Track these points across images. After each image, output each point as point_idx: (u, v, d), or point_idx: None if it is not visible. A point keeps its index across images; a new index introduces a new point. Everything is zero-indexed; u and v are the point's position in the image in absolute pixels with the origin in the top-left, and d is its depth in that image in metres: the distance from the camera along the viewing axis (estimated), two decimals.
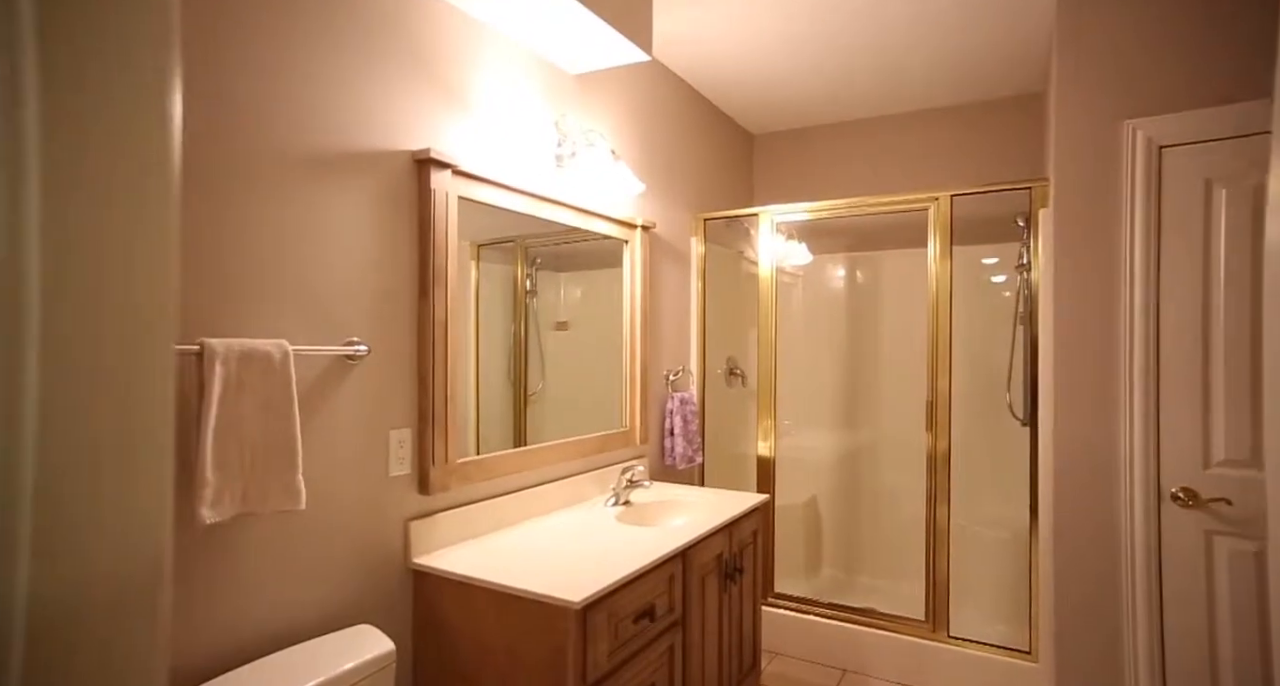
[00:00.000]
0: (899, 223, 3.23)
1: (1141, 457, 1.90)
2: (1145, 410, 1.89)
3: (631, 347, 2.44)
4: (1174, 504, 1.88)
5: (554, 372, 2.12)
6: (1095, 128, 1.96)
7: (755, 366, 2.80)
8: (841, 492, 3.40)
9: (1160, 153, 1.88)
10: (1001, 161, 2.91)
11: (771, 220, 2.74)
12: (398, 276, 1.54)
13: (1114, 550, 1.96)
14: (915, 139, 3.12)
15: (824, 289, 3.50)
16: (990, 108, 2.95)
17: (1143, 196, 1.89)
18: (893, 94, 2.95)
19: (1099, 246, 1.97)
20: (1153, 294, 1.89)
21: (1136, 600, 1.91)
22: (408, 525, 1.55)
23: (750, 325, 3.30)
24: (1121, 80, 1.92)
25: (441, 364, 1.62)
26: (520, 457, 1.92)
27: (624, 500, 2.16)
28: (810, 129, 3.39)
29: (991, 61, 2.59)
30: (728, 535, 2.00)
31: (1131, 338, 1.91)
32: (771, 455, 2.75)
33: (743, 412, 3.36)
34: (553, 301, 2.14)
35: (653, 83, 2.60)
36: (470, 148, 1.74)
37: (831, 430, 3.45)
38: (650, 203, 2.59)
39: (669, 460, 2.64)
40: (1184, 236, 1.86)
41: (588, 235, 2.23)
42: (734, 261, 3.31)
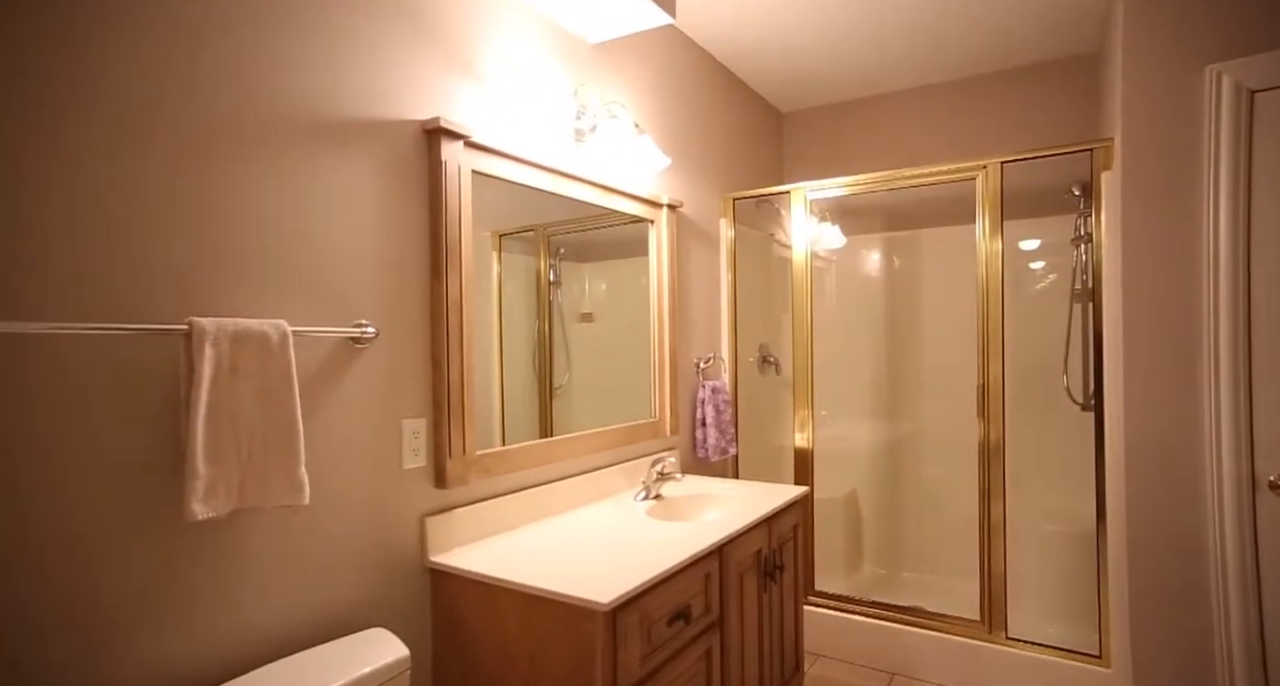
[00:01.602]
0: (939, 198, 3.05)
1: (1231, 442, 1.71)
2: (1234, 390, 1.71)
3: (660, 333, 2.31)
4: (1272, 493, 1.69)
5: (580, 366, 2.02)
6: (1171, 76, 1.77)
7: (789, 354, 2.65)
8: (883, 485, 3.23)
9: (1252, 99, 1.68)
10: (1051, 129, 2.71)
11: (805, 198, 2.59)
12: (408, 254, 1.43)
13: (1199, 545, 1.78)
14: (956, 110, 2.93)
15: (859, 273, 3.33)
16: (1037, 72, 2.75)
17: (1229, 151, 1.70)
18: (930, 62, 2.77)
19: (1175, 211, 1.78)
20: (1243, 261, 1.70)
21: (1229, 597, 1.73)
22: (424, 521, 1.45)
23: (783, 311, 3.15)
24: (1201, 19, 1.73)
25: (457, 348, 1.51)
26: (544, 449, 1.81)
27: (654, 494, 2.03)
28: (842, 105, 3.22)
29: (1039, 20, 2.40)
30: (767, 530, 1.87)
31: (1217, 310, 1.72)
32: (809, 446, 2.60)
33: (777, 402, 3.22)
34: (577, 293, 2.04)
35: (675, 55, 2.46)
36: (484, 119, 1.63)
37: (871, 420, 3.28)
38: (676, 182, 2.46)
39: (701, 452, 2.51)
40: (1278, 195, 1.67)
41: (612, 220, 2.12)
42: (764, 244, 3.16)
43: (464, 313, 1.53)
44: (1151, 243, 1.81)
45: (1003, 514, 2.22)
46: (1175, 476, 1.80)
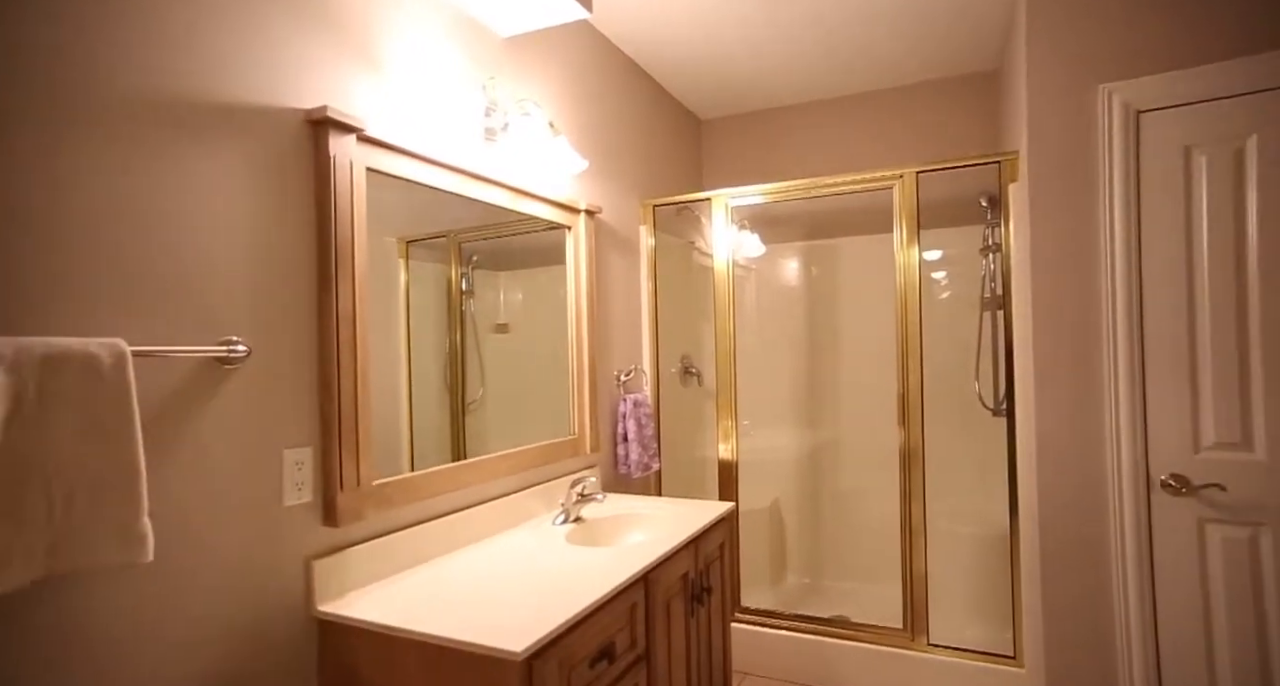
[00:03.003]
0: (857, 207, 3.10)
1: (1129, 444, 1.78)
2: (1131, 394, 1.78)
3: (578, 346, 2.20)
4: (1164, 492, 1.76)
5: (495, 379, 1.88)
6: (1069, 94, 1.84)
7: (712, 364, 2.60)
8: (805, 494, 3.24)
9: (1138, 118, 1.77)
10: (960, 142, 2.81)
11: (726, 205, 2.55)
12: (290, 261, 1.26)
13: (1103, 543, 1.84)
14: (872, 122, 2.99)
15: (779, 281, 3.34)
16: (946, 86, 2.85)
17: (1121, 166, 1.78)
18: (847, 74, 2.81)
19: (1076, 222, 1.85)
20: (1135, 271, 1.78)
21: (1129, 596, 1.79)
22: (310, 565, 1.27)
23: (704, 320, 3.11)
24: (1095, 41, 1.81)
25: (350, 366, 1.34)
26: (453, 475, 1.65)
27: (575, 517, 1.91)
28: (761, 113, 3.22)
29: (945, 38, 2.48)
30: (693, 551, 1.78)
31: (1114, 317, 1.79)
32: (733, 458, 2.56)
33: (700, 414, 3.17)
34: (492, 303, 1.90)
35: (593, 55, 2.37)
36: (381, 112, 1.47)
37: (793, 429, 3.29)
38: (594, 187, 2.36)
39: (623, 468, 2.41)
40: (1165, 208, 1.76)
41: (528, 226, 2.00)
42: (685, 253, 3.11)
43: (359, 326, 1.36)
44: (1056, 252, 1.87)
45: (923, 518, 2.24)
46: (1082, 478, 1.85)
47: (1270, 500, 1.67)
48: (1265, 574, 1.69)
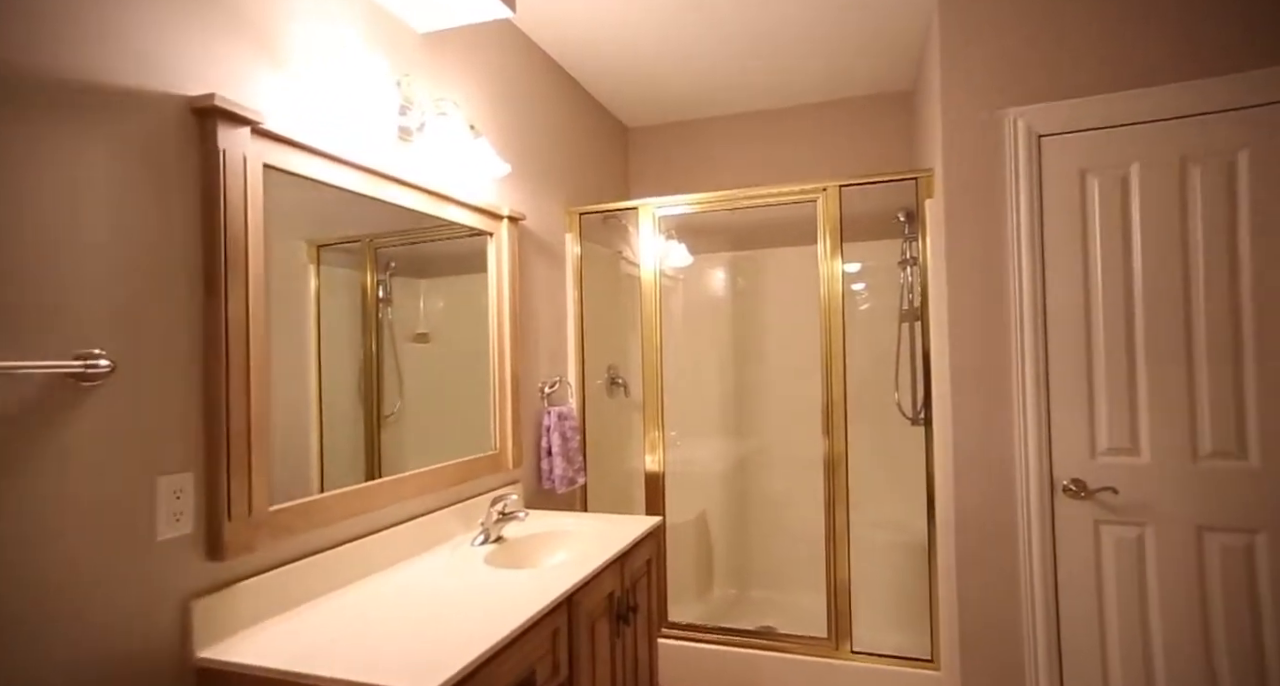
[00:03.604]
0: (782, 219, 3.15)
1: (1036, 451, 1.86)
2: (1037, 403, 1.86)
3: (500, 357, 2.11)
4: (1066, 496, 1.85)
5: (415, 391, 1.78)
6: (978, 116, 1.92)
7: (639, 375, 2.56)
8: (731, 504, 3.25)
9: (1039, 142, 1.86)
10: (879, 158, 2.90)
11: (653, 214, 2.53)
12: (169, 265, 1.12)
13: (1012, 546, 1.91)
14: (796, 135, 3.05)
15: (706, 291, 3.36)
16: (868, 103, 2.94)
17: (1026, 186, 1.87)
18: (772, 87, 2.86)
19: (988, 238, 1.93)
20: (1039, 285, 1.87)
21: (1035, 595, 1.86)
22: (189, 606, 1.13)
23: (631, 331, 3.07)
24: (1002, 67, 1.90)
25: (242, 380, 1.21)
26: (363, 496, 1.53)
27: (495, 537, 1.82)
28: (689, 123, 3.23)
29: (869, 55, 2.56)
30: (619, 569, 1.73)
31: (1022, 329, 1.88)
32: (660, 470, 2.52)
33: (627, 426, 3.12)
34: (412, 311, 1.81)
35: (518, 57, 2.30)
36: (282, 105, 1.35)
37: (720, 439, 3.30)
38: (518, 193, 2.28)
39: (547, 483, 2.33)
40: (1064, 227, 1.86)
41: (449, 232, 1.91)
42: (612, 262, 3.07)
43: (253, 336, 1.24)
44: (969, 267, 1.94)
45: (846, 526, 2.28)
46: (995, 484, 1.92)
47: (1153, 500, 1.79)
48: (1148, 568, 1.80)
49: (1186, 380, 1.76)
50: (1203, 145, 1.75)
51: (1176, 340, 1.77)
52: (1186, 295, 1.76)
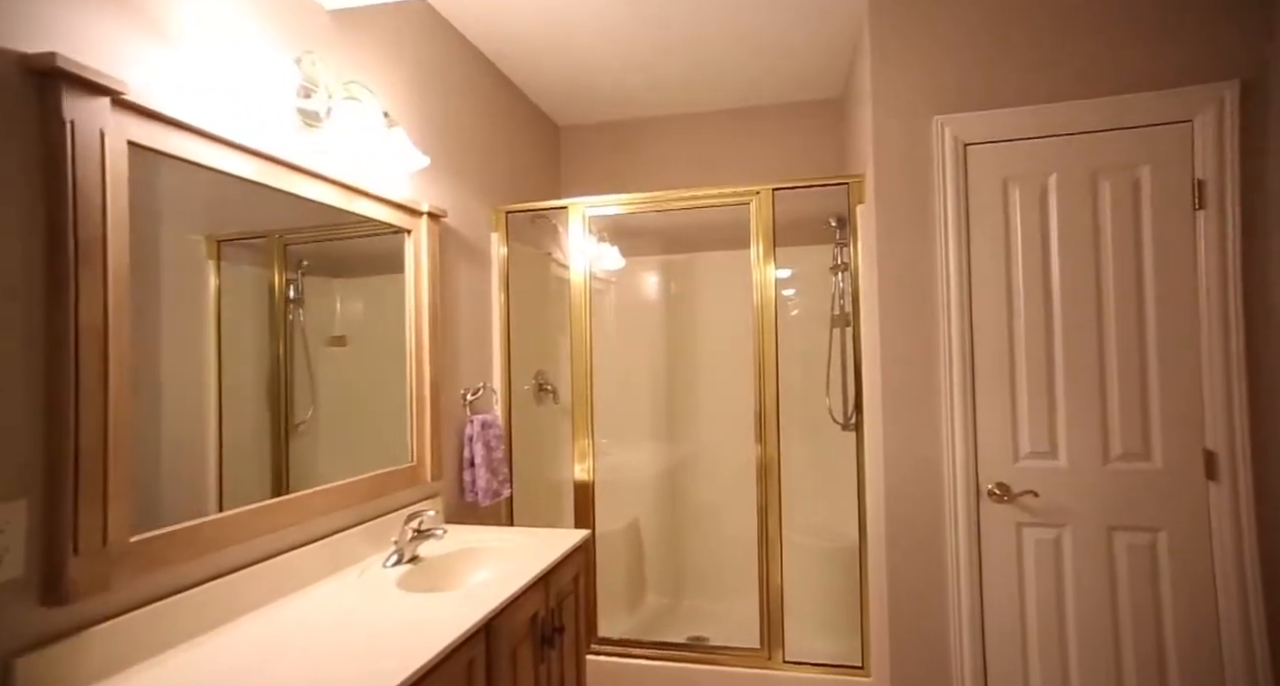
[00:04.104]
0: (715, 223, 3.13)
1: (963, 455, 1.88)
2: (965, 408, 1.88)
3: (418, 362, 1.97)
4: (990, 499, 1.88)
5: (329, 398, 1.65)
6: (908, 123, 1.93)
7: (568, 380, 2.46)
8: (663, 512, 3.19)
9: (966, 150, 1.89)
10: (812, 163, 2.91)
11: (583, 215, 2.44)
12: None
13: (940, 551, 1.92)
14: (731, 138, 3.03)
15: (638, 295, 3.29)
16: (801, 109, 2.95)
17: (953, 194, 1.88)
18: (706, 90, 2.82)
19: (917, 244, 1.94)
20: (966, 293, 1.89)
21: (962, 598, 1.88)
22: (12, 666, 0.95)
23: (561, 335, 2.97)
24: (933, 77, 1.92)
25: (97, 391, 1.04)
26: (264, 515, 1.38)
27: (410, 556, 1.68)
28: (622, 123, 3.16)
29: (801, 61, 2.55)
30: (544, 589, 1.63)
31: (950, 336, 1.89)
32: (590, 478, 2.43)
33: (556, 433, 3.01)
34: (327, 313, 1.68)
35: (441, 46, 2.17)
36: (157, 76, 1.19)
37: (652, 445, 3.23)
38: (440, 188, 2.15)
39: (470, 496, 2.19)
40: (989, 236, 1.89)
41: (367, 229, 1.79)
42: (541, 263, 2.96)
43: (113, 341, 1.07)
44: (900, 273, 1.94)
45: (779, 532, 2.25)
46: (924, 489, 1.93)
47: (1070, 502, 1.83)
48: (1065, 568, 1.84)
49: (1099, 385, 1.81)
50: (1111, 160, 1.81)
51: (1090, 347, 1.82)
52: (1099, 304, 1.82)
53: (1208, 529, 1.76)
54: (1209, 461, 1.76)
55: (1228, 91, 1.74)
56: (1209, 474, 1.76)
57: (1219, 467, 1.74)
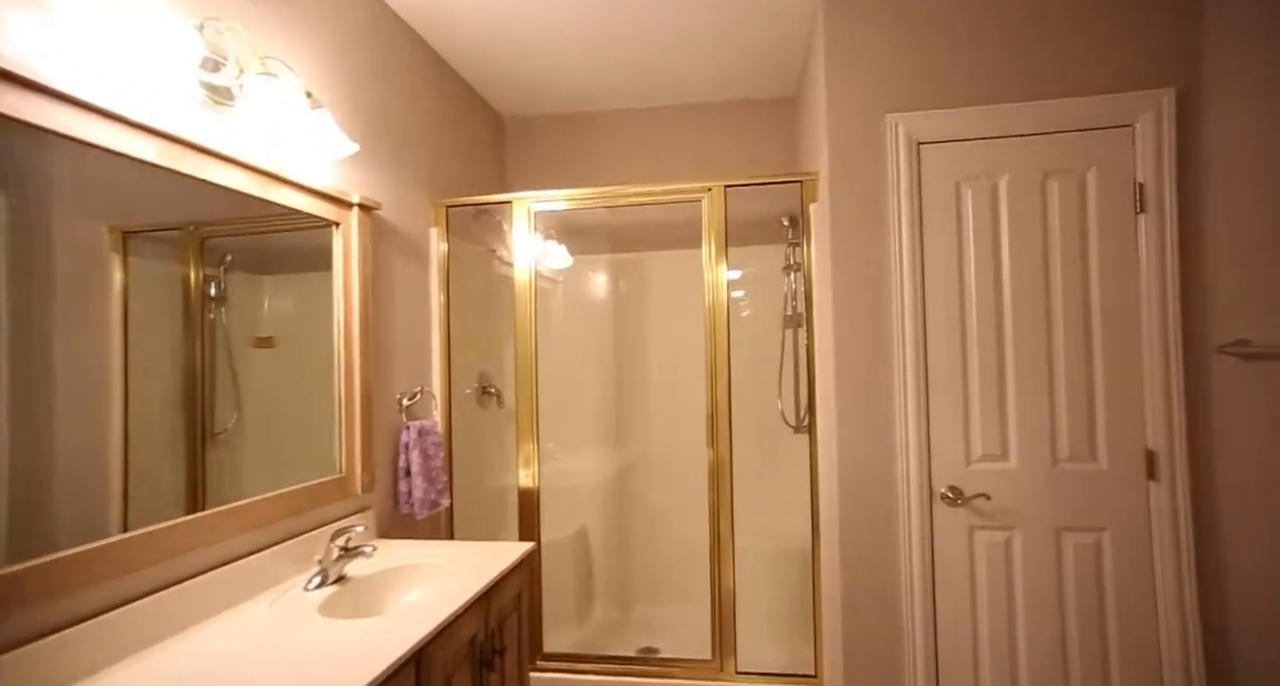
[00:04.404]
0: (666, 221, 3.06)
1: (917, 459, 1.85)
2: (919, 409, 1.86)
3: (347, 365, 1.82)
4: (943, 503, 1.86)
5: (255, 404, 1.53)
6: (863, 121, 1.90)
7: (513, 383, 2.35)
8: (613, 518, 3.10)
9: (919, 149, 1.87)
10: (763, 163, 2.88)
11: (529, 210, 2.33)
12: None
13: (894, 555, 1.89)
14: (683, 134, 2.97)
15: (586, 295, 3.19)
16: (754, 107, 2.91)
17: (907, 193, 1.86)
18: (658, 85, 2.75)
19: (872, 245, 1.91)
20: (920, 294, 1.87)
21: (915, 602, 1.86)
22: None
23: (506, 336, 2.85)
24: (885, 74, 1.89)
25: None
26: (173, 536, 1.23)
27: (335, 577, 1.54)
28: (571, 116, 3.06)
29: (755, 58, 2.51)
30: (484, 608, 1.52)
31: (904, 336, 1.87)
32: (535, 485, 2.32)
33: (501, 438, 2.89)
34: (253, 312, 1.55)
35: (377, 29, 2.02)
36: (28, 39, 1.03)
37: (600, 450, 3.14)
38: (374, 179, 2.01)
39: (406, 508, 2.06)
40: (942, 236, 1.87)
41: (294, 222, 1.68)
42: (485, 261, 2.83)
43: None
44: (854, 273, 1.91)
45: (731, 537, 2.19)
46: (878, 492, 1.90)
47: (1019, 505, 1.83)
48: (1015, 571, 1.84)
49: (1048, 387, 1.82)
50: (1060, 162, 1.82)
51: (1039, 349, 1.82)
52: (1048, 306, 1.83)
53: (1148, 527, 1.79)
54: (1150, 461, 1.78)
55: (1165, 98, 1.77)
56: (1150, 473, 1.78)
57: (1159, 467, 1.77)
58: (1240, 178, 1.66)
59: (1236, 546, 1.72)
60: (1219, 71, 1.72)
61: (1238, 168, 1.67)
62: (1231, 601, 1.73)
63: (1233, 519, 1.72)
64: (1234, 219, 1.67)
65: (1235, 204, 1.67)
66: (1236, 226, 1.67)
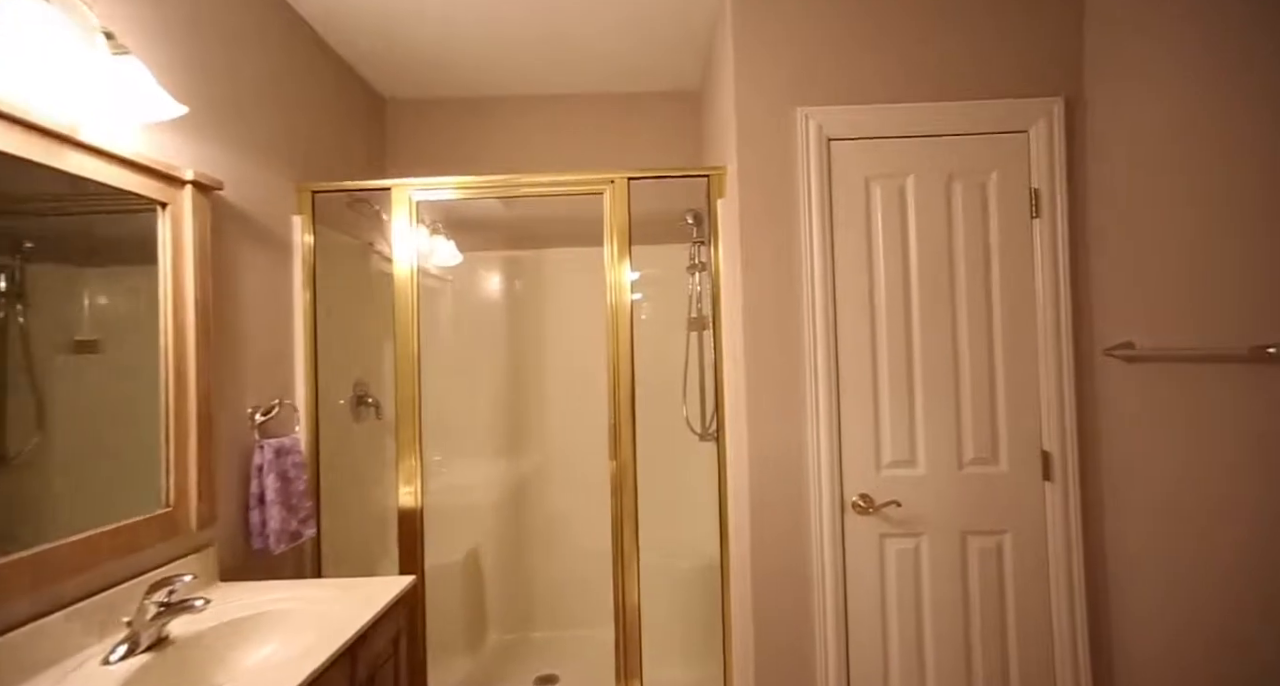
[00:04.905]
0: (565, 216, 2.87)
1: (829, 466, 1.79)
2: (830, 415, 1.79)
3: (178, 375, 1.50)
4: (855, 512, 1.80)
5: (67, 420, 1.24)
6: (773, 113, 1.82)
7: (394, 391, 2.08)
8: (508, 536, 2.87)
9: (830, 145, 1.80)
10: (668, 159, 2.75)
11: (410, 199, 2.07)
12: None
13: (806, 568, 1.82)
14: (584, 126, 2.79)
15: (479, 294, 2.95)
16: (658, 100, 2.78)
17: (817, 190, 1.79)
18: (558, 71, 2.57)
19: (782, 241, 1.82)
20: (831, 294, 1.81)
21: (827, 618, 1.79)
22: None
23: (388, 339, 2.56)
24: (796, 67, 1.82)
25: None
26: None
27: (151, 642, 1.24)
28: (461, 100, 2.81)
29: (659, 46, 2.38)
30: (349, 663, 1.27)
31: (815, 339, 1.80)
32: (418, 505, 2.07)
33: (382, 454, 2.59)
34: (67, 310, 1.27)
35: None
36: None
37: (494, 462, 2.90)
38: (214, 154, 1.69)
39: (259, 542, 1.75)
40: (853, 234, 1.82)
41: (118, 202, 1.39)
42: (362, 256, 2.53)
43: None
44: (765, 270, 1.82)
45: (635, 554, 2.04)
46: (791, 504, 1.82)
47: (928, 510, 1.81)
48: (924, 578, 1.82)
49: (954, 390, 1.81)
50: (963, 164, 1.82)
51: (946, 352, 1.81)
52: (953, 308, 1.81)
53: (1044, 528, 1.81)
54: (1045, 462, 1.81)
55: (1055, 106, 1.81)
56: (1045, 474, 1.81)
57: (1053, 468, 1.80)
58: (1121, 183, 1.71)
59: (1118, 545, 1.77)
60: (1098, 81, 1.77)
61: (1118, 174, 1.72)
62: (1112, 595, 1.79)
63: (1116, 518, 1.77)
64: (1119, 223, 1.72)
65: (1120, 209, 1.72)
66: (1121, 230, 1.72)
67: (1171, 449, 1.58)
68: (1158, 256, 1.60)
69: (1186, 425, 1.53)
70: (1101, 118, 1.77)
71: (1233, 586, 1.43)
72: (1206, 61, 1.45)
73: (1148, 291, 1.64)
